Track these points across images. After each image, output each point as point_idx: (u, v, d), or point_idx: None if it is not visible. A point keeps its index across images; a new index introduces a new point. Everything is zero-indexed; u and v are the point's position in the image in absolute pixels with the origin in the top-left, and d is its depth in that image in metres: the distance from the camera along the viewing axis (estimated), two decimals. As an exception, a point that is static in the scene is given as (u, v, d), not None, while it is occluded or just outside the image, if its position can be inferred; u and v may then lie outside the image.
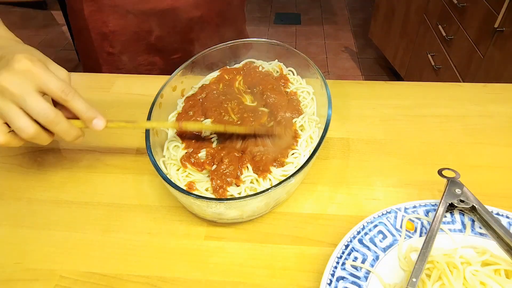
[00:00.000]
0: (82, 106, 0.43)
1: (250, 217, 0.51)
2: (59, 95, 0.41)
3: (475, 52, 1.45)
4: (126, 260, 0.49)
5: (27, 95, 0.39)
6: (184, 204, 0.53)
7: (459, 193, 0.48)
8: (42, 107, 0.40)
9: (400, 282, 0.43)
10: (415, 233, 0.47)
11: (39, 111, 0.40)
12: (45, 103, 0.40)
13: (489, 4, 1.36)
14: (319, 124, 0.58)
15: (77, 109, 0.43)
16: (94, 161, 0.61)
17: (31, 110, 0.40)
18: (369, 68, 2.53)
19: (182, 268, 0.48)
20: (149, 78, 0.78)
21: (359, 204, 0.53)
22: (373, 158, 0.60)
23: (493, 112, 0.67)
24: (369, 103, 0.70)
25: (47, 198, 0.56)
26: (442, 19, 1.71)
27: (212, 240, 0.50)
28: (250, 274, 0.47)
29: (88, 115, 0.44)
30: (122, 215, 0.54)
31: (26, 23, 3.00)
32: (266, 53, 0.68)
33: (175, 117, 0.60)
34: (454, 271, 0.41)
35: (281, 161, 0.52)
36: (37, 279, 0.47)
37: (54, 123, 0.41)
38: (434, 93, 0.71)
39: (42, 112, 0.40)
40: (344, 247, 0.45)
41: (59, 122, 0.42)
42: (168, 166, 0.54)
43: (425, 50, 1.86)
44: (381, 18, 2.36)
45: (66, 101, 0.42)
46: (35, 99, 0.40)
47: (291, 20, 3.03)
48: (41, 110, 0.40)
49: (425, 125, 0.65)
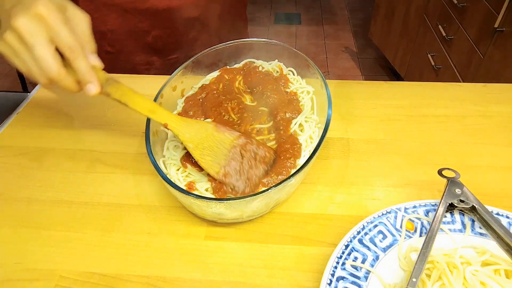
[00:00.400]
0: (82, 68, 0.44)
1: (250, 217, 0.51)
2: (65, 51, 0.43)
3: (475, 52, 1.45)
4: (126, 260, 0.49)
5: (37, 45, 0.41)
6: (184, 204, 0.53)
7: (459, 193, 0.48)
8: (47, 61, 0.41)
9: (400, 282, 0.43)
10: (415, 233, 0.47)
11: (43, 65, 0.42)
12: (50, 57, 0.42)
13: (489, 4, 1.36)
14: (319, 124, 0.58)
15: (77, 69, 0.44)
16: (94, 161, 0.61)
17: (38, 61, 0.42)
18: (369, 68, 2.53)
19: (182, 268, 0.48)
20: (149, 78, 0.78)
21: (359, 204, 0.53)
22: (373, 158, 0.60)
23: (493, 112, 0.67)
24: (369, 103, 0.70)
25: (47, 198, 0.56)
26: (442, 19, 1.71)
27: (212, 240, 0.50)
28: (250, 274, 0.47)
29: (85, 78, 0.45)
30: (122, 215, 0.54)
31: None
32: (266, 53, 0.68)
33: (175, 117, 0.60)
34: (454, 271, 0.41)
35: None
36: (37, 279, 0.47)
37: (56, 79, 0.43)
38: (434, 93, 0.71)
39: (45, 66, 0.42)
40: (344, 247, 0.45)
41: (61, 79, 0.43)
42: (168, 166, 0.54)
43: (425, 50, 1.86)
44: (381, 18, 2.36)
45: (70, 59, 0.43)
46: (43, 52, 0.41)
47: (291, 20, 3.03)
48: (45, 64, 0.42)
49: (425, 125, 0.65)
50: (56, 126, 0.68)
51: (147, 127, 0.52)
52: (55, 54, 0.42)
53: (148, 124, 0.53)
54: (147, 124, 0.53)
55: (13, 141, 0.65)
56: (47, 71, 0.42)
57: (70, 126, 0.68)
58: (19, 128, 0.68)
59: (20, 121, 0.70)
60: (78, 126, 0.68)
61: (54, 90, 0.48)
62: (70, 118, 0.70)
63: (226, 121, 0.57)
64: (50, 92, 0.75)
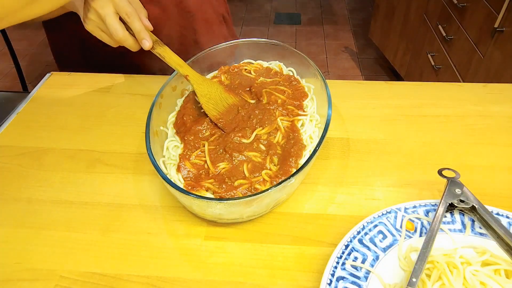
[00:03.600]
0: (137, 27, 0.58)
1: (250, 217, 0.51)
2: (124, 16, 0.57)
3: (475, 52, 1.45)
4: (126, 260, 0.49)
5: (106, 16, 0.56)
6: (184, 204, 0.53)
7: (459, 193, 0.48)
8: (114, 27, 0.57)
9: (400, 282, 0.43)
10: (415, 233, 0.47)
11: (112, 31, 0.57)
12: (116, 24, 0.57)
13: (489, 4, 1.36)
14: (319, 124, 0.58)
15: (134, 28, 0.58)
16: (94, 161, 0.61)
17: (108, 27, 0.57)
18: (369, 68, 2.53)
19: (182, 268, 0.48)
20: (149, 78, 0.78)
21: (359, 204, 0.53)
22: (373, 158, 0.60)
23: (493, 112, 0.67)
24: (369, 103, 0.70)
25: (47, 198, 0.56)
26: (442, 19, 1.71)
27: (212, 240, 0.50)
28: (250, 274, 0.47)
29: (140, 35, 0.58)
30: (122, 215, 0.54)
31: (26, 23, 2.99)
32: (266, 53, 0.68)
33: (174, 117, 0.60)
34: (454, 271, 0.41)
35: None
36: (37, 279, 0.47)
37: (121, 40, 0.59)
38: (434, 93, 0.71)
39: (114, 31, 0.57)
40: (344, 247, 0.45)
41: (125, 40, 0.59)
42: (168, 166, 0.54)
43: (425, 50, 1.86)
44: (381, 18, 2.36)
45: (128, 22, 0.58)
46: (111, 20, 0.56)
47: (291, 20, 3.03)
48: (113, 30, 0.57)
49: (425, 125, 0.65)
50: (56, 126, 0.68)
51: (147, 127, 0.52)
52: (119, 22, 0.57)
53: (148, 124, 0.53)
54: (147, 124, 0.53)
55: (13, 141, 0.65)
56: (114, 34, 0.57)
57: (70, 126, 0.68)
58: (19, 128, 0.68)
59: (20, 121, 0.70)
60: (78, 126, 0.68)
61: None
62: (70, 118, 0.70)
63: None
64: (50, 92, 0.76)
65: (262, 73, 0.66)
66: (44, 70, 2.47)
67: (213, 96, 0.60)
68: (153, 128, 0.54)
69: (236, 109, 0.60)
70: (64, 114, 0.71)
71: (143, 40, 0.58)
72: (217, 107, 0.59)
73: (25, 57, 2.63)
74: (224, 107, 0.59)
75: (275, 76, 0.65)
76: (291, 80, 0.64)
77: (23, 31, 2.89)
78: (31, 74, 2.44)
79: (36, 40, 2.83)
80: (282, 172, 0.50)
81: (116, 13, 0.56)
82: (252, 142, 0.54)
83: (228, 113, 0.59)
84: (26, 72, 2.30)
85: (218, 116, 0.58)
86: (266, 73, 0.66)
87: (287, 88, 0.62)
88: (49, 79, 0.79)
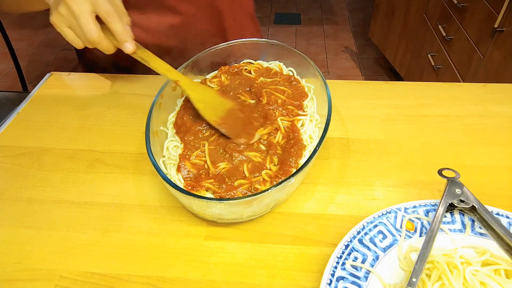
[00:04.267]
0: (119, 29, 0.52)
1: (250, 217, 0.51)
2: (103, 16, 0.51)
3: (475, 52, 1.45)
4: (126, 260, 0.49)
5: (81, 14, 0.50)
6: (184, 204, 0.53)
7: (459, 193, 0.48)
8: (89, 27, 0.50)
9: (400, 282, 0.43)
10: (415, 233, 0.47)
11: (86, 31, 0.51)
12: (91, 24, 0.50)
13: (489, 4, 1.36)
14: (319, 124, 0.58)
15: (114, 30, 0.52)
16: (94, 161, 0.61)
17: (81, 28, 0.51)
18: (369, 68, 2.53)
19: (182, 268, 0.48)
20: (149, 78, 0.78)
21: (359, 204, 0.53)
22: (373, 158, 0.60)
23: (493, 112, 0.67)
24: (369, 103, 0.70)
25: (47, 198, 0.56)
26: (442, 19, 1.71)
27: (212, 240, 0.50)
28: (250, 274, 0.47)
29: (121, 37, 0.52)
30: (122, 215, 0.54)
31: (26, 23, 3.00)
32: (266, 53, 0.68)
33: (174, 117, 0.60)
34: (454, 271, 0.41)
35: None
36: (37, 279, 0.47)
37: (95, 42, 0.52)
38: (434, 93, 0.71)
39: (88, 32, 0.51)
40: (344, 247, 0.45)
41: (100, 42, 0.52)
42: (168, 166, 0.54)
43: (425, 50, 1.86)
44: (381, 18, 2.36)
45: (107, 22, 0.51)
46: (86, 19, 0.50)
47: (291, 20, 3.03)
48: (87, 30, 0.51)
49: (425, 125, 0.65)
50: (56, 126, 0.68)
51: (147, 127, 0.52)
52: (96, 22, 0.51)
53: (148, 124, 0.53)
54: (147, 124, 0.53)
55: (13, 141, 0.65)
56: (88, 35, 0.51)
57: (70, 126, 0.68)
58: (19, 128, 0.68)
59: (20, 121, 0.70)
60: (78, 126, 0.68)
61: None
62: (70, 118, 0.70)
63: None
64: (50, 92, 0.76)
65: (262, 73, 0.66)
66: (44, 70, 2.48)
67: (209, 101, 0.58)
68: (153, 128, 0.54)
69: (235, 112, 0.58)
70: (64, 114, 0.71)
71: (125, 43, 0.53)
72: (216, 112, 0.57)
73: (25, 57, 2.63)
74: (222, 112, 0.58)
75: (275, 76, 0.65)
76: (291, 80, 0.64)
77: (23, 31, 2.89)
78: (31, 74, 2.44)
79: (36, 40, 2.82)
80: (282, 172, 0.50)
81: (93, 12, 0.51)
82: (252, 142, 0.54)
83: (229, 118, 0.57)
84: (26, 72, 2.30)
85: (220, 121, 0.56)
86: (266, 73, 0.66)
87: (287, 88, 0.62)
88: (49, 79, 0.79)
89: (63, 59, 2.64)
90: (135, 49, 0.54)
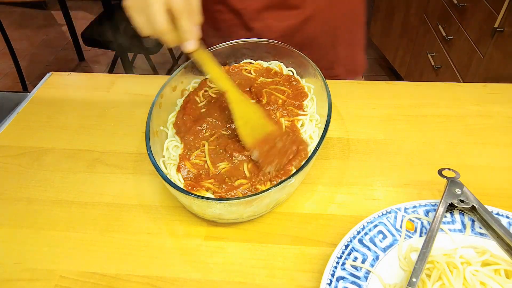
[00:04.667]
0: (186, 27, 0.51)
1: (250, 217, 0.51)
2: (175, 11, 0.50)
3: (475, 52, 1.45)
4: (126, 260, 0.49)
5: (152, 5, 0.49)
6: (184, 204, 0.53)
7: (459, 193, 0.48)
8: (158, 17, 0.50)
9: (400, 282, 0.43)
10: (415, 233, 0.47)
11: (153, 21, 0.50)
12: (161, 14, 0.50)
13: (489, 4, 1.36)
14: (319, 124, 0.58)
15: (181, 27, 0.51)
16: (94, 161, 0.61)
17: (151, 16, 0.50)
18: (369, 68, 2.53)
19: (182, 268, 0.48)
20: (149, 78, 0.78)
21: (359, 204, 0.53)
22: (373, 158, 0.60)
23: (493, 112, 0.67)
24: (369, 103, 0.70)
25: (47, 198, 0.56)
26: (442, 19, 1.71)
27: (212, 240, 0.50)
28: (250, 274, 0.47)
29: (185, 35, 0.52)
30: (122, 215, 0.54)
31: (26, 23, 3.00)
32: (266, 53, 0.68)
33: (174, 117, 0.60)
34: (454, 271, 0.41)
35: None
36: (37, 279, 0.47)
37: (161, 32, 0.51)
38: (434, 93, 0.71)
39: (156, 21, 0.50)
40: (344, 247, 0.45)
41: (165, 33, 0.51)
42: (168, 166, 0.54)
43: (425, 50, 1.86)
44: (381, 18, 2.36)
45: (177, 19, 0.51)
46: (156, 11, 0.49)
47: (291, 20, 3.03)
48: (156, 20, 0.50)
49: (425, 125, 0.65)
50: (56, 126, 0.68)
51: (147, 127, 0.52)
52: (165, 13, 0.50)
53: (148, 124, 0.53)
54: (147, 124, 0.53)
55: (13, 141, 0.65)
56: (156, 25, 0.50)
57: (70, 126, 0.68)
58: (19, 128, 0.68)
59: (20, 121, 0.70)
60: (78, 126, 0.68)
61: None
62: (70, 118, 0.70)
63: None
64: (50, 92, 0.76)
65: (262, 73, 0.66)
66: (44, 70, 2.48)
67: (250, 120, 0.55)
68: (153, 128, 0.54)
69: (273, 139, 0.53)
70: (64, 114, 0.71)
71: (190, 41, 0.52)
72: (254, 134, 0.54)
73: (25, 57, 2.63)
74: (260, 134, 0.54)
75: (275, 76, 0.65)
76: (291, 80, 0.64)
77: (23, 31, 2.89)
78: (31, 74, 2.44)
79: (36, 40, 2.82)
80: (282, 172, 0.50)
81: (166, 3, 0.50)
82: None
83: (264, 143, 0.53)
84: (26, 72, 2.31)
85: (255, 143, 0.53)
86: (266, 73, 0.66)
87: (287, 88, 0.62)
88: (49, 79, 0.79)
89: (63, 59, 2.64)
90: (194, 49, 0.53)
